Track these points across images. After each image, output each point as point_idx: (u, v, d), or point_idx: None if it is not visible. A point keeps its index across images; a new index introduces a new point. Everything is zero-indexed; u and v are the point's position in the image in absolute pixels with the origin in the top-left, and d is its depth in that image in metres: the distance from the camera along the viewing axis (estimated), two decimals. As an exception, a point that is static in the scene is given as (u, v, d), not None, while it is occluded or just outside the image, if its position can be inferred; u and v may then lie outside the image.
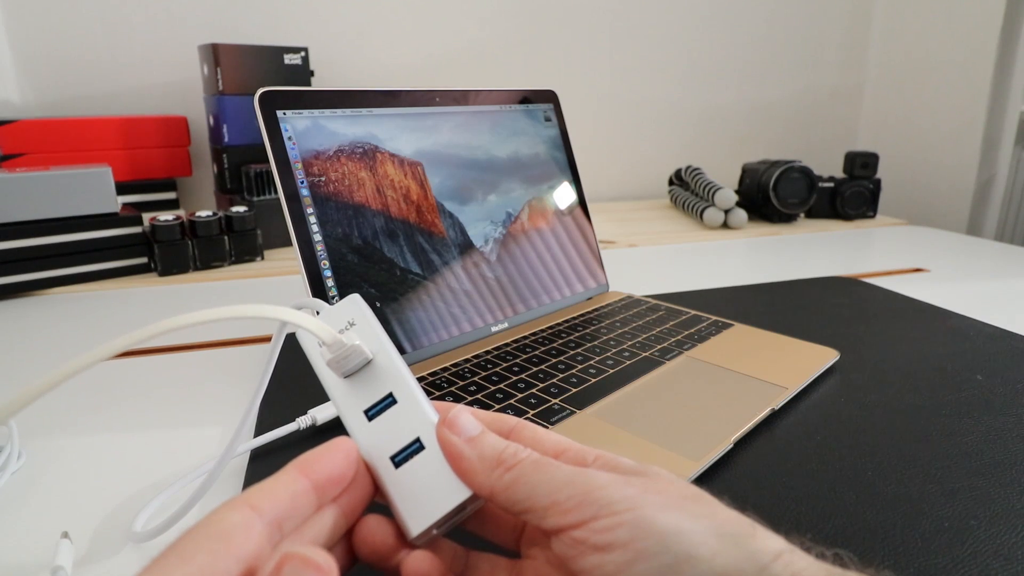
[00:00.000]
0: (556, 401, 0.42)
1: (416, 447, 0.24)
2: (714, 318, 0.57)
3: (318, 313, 0.27)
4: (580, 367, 0.47)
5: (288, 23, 1.08)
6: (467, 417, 0.25)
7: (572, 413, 0.41)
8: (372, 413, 0.25)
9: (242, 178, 0.91)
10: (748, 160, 1.24)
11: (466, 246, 0.54)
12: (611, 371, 0.46)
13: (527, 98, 0.62)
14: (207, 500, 0.34)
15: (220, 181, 0.95)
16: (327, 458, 0.23)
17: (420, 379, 0.45)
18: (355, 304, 0.27)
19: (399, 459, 0.24)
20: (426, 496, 0.24)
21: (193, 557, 0.18)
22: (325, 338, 0.25)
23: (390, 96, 0.51)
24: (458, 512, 0.24)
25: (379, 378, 0.25)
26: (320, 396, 0.41)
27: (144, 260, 0.78)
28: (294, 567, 0.19)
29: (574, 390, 0.43)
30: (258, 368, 0.52)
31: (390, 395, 0.25)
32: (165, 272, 0.77)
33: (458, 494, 0.23)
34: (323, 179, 0.46)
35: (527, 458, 0.23)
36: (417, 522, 0.23)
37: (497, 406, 0.41)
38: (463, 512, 0.24)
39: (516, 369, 0.47)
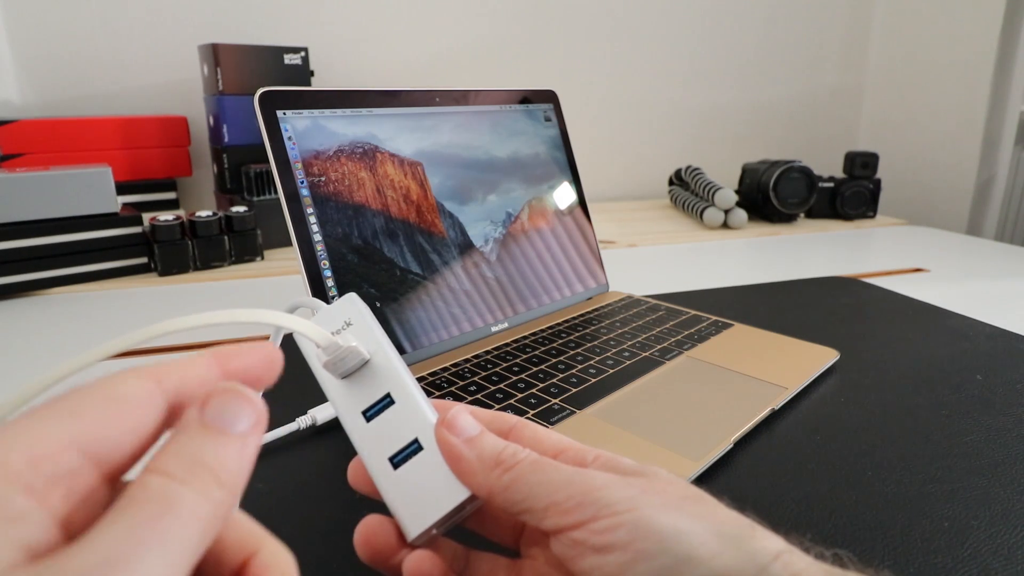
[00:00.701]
0: (556, 401, 0.42)
1: (415, 448, 0.24)
2: (714, 318, 0.57)
3: (315, 313, 0.27)
4: (580, 367, 0.47)
5: (288, 23, 1.08)
6: (466, 417, 0.24)
7: (572, 413, 0.41)
8: (370, 414, 0.25)
9: (242, 178, 0.91)
10: (748, 160, 1.24)
11: (466, 246, 0.53)
12: (611, 371, 0.46)
13: (527, 98, 0.62)
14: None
15: (220, 181, 0.95)
16: (248, 356, 0.20)
17: (420, 379, 0.45)
18: (352, 303, 0.27)
19: (398, 460, 0.24)
20: (425, 497, 0.23)
21: (84, 414, 0.16)
22: (319, 341, 0.25)
23: (390, 96, 0.51)
24: (457, 512, 0.24)
25: (377, 378, 0.25)
26: (320, 396, 0.41)
27: (144, 260, 0.78)
28: (224, 400, 0.17)
29: (574, 390, 0.43)
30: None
31: (388, 395, 0.25)
32: (165, 272, 0.77)
33: (457, 495, 0.23)
34: (323, 179, 0.46)
35: (526, 459, 0.23)
36: (416, 523, 0.23)
37: (497, 406, 0.41)
38: (462, 512, 0.24)
39: (516, 369, 0.47)
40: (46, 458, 0.15)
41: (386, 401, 0.25)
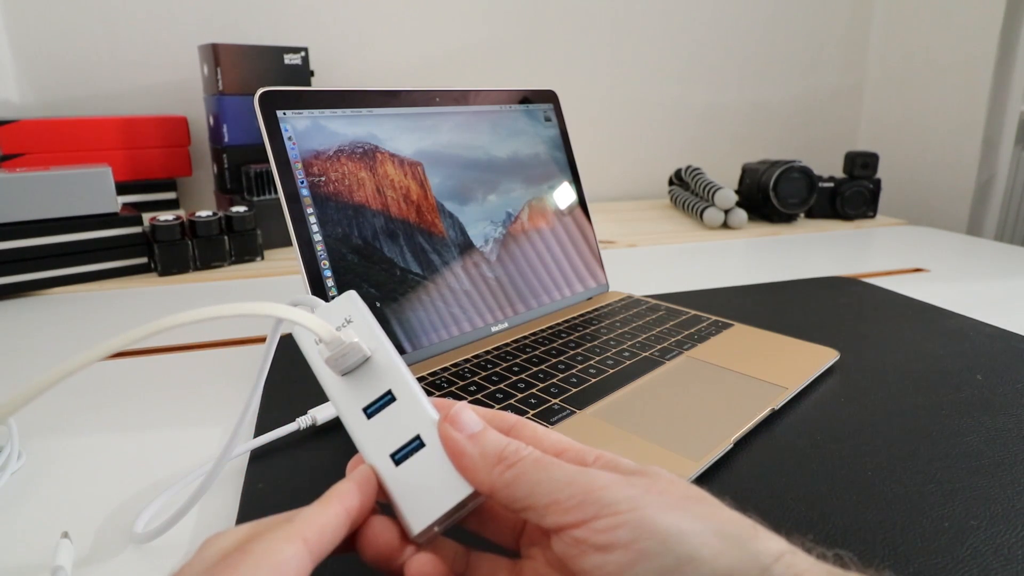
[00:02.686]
0: (556, 401, 0.42)
1: (416, 444, 0.24)
2: (714, 318, 0.57)
3: (314, 310, 0.27)
4: (580, 367, 0.47)
5: (288, 23, 1.08)
6: (469, 414, 0.24)
7: (572, 413, 0.41)
8: (371, 411, 0.25)
9: (242, 178, 0.91)
10: (748, 160, 1.24)
11: (466, 246, 0.53)
12: (611, 371, 0.46)
13: (527, 98, 0.62)
14: (207, 501, 0.34)
15: (220, 181, 0.95)
16: (363, 495, 0.23)
17: (420, 379, 0.45)
18: (351, 301, 0.27)
19: (399, 457, 0.24)
20: (427, 493, 0.23)
21: None
22: (322, 335, 0.25)
23: (390, 96, 0.51)
24: (459, 509, 0.24)
25: (377, 375, 0.25)
26: (320, 396, 0.41)
27: (144, 260, 0.78)
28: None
29: (574, 390, 0.43)
30: (257, 367, 0.52)
31: (389, 392, 0.25)
32: (165, 272, 0.77)
33: (459, 491, 0.23)
34: (323, 179, 0.46)
35: (528, 456, 0.23)
36: (419, 520, 0.23)
37: (497, 406, 0.41)
38: (464, 509, 0.24)
39: (516, 369, 0.47)
40: None
41: (387, 398, 0.25)
